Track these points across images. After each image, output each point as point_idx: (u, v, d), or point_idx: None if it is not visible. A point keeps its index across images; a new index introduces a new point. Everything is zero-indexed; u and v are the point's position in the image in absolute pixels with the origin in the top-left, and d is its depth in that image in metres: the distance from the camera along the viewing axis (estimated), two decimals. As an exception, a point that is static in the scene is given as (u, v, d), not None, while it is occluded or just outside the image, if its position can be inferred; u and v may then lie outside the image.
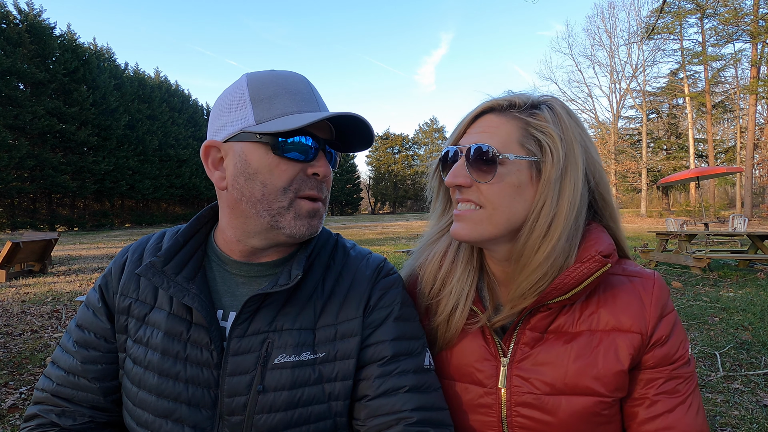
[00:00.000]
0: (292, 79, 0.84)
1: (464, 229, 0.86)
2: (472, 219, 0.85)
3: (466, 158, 0.84)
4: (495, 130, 0.85)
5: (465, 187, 0.85)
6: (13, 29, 26.10)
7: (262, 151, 0.79)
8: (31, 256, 8.78)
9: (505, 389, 0.86)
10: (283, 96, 0.80)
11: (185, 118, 42.20)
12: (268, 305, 0.83)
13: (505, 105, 0.87)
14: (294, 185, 0.81)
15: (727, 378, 3.30)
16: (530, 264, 0.82)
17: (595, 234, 0.85)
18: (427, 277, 0.97)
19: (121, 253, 0.96)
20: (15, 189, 26.55)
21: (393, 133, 72.56)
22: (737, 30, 29.35)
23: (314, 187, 0.83)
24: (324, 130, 0.85)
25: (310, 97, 0.83)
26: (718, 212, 31.82)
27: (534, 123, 0.83)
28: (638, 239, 14.18)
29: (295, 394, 0.79)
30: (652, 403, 0.82)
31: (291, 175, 0.80)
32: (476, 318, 0.90)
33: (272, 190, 0.80)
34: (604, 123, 39.74)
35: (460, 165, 0.85)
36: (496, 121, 0.85)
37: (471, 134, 0.87)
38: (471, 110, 0.91)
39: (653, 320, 0.83)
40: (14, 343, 4.39)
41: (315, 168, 0.82)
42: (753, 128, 29.13)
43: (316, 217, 0.85)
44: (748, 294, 5.97)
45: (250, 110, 0.80)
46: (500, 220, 0.84)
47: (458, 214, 0.87)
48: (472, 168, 0.83)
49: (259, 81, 0.83)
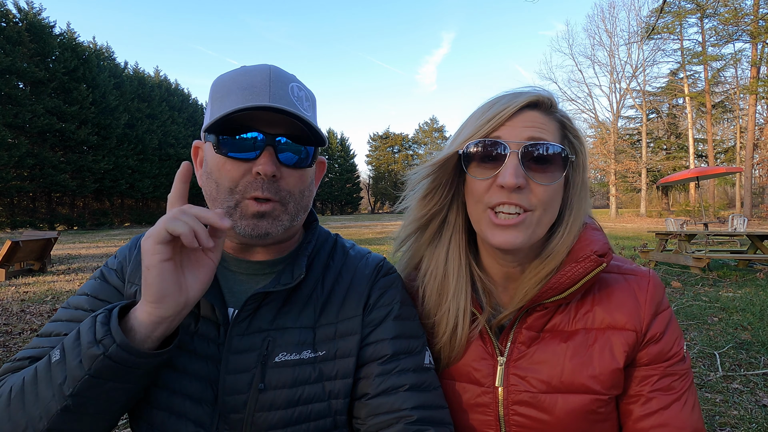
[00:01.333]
0: (251, 73, 0.81)
1: (518, 238, 0.79)
2: (524, 225, 0.79)
3: (523, 156, 0.78)
4: (546, 127, 0.81)
5: (522, 188, 0.78)
6: (12, 28, 26.06)
7: (213, 150, 0.80)
8: (30, 255, 8.77)
9: (502, 388, 0.86)
10: (234, 92, 0.78)
11: (185, 117, 42.14)
12: (269, 304, 0.83)
13: (548, 103, 0.83)
14: (240, 186, 0.78)
15: (726, 378, 3.30)
16: (556, 257, 0.84)
17: (589, 233, 0.86)
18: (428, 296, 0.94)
19: (132, 242, 0.96)
20: (14, 188, 26.52)
21: (393, 132, 72.60)
22: (737, 30, 29.36)
23: (259, 187, 0.78)
24: (281, 124, 0.79)
25: (263, 89, 0.78)
26: (717, 212, 31.83)
27: (569, 126, 0.84)
28: (638, 239, 14.19)
29: (295, 393, 0.79)
30: (647, 400, 0.83)
31: (235, 175, 0.78)
32: (476, 322, 0.90)
33: (222, 189, 0.79)
34: (604, 123, 39.75)
35: (516, 164, 0.77)
36: (542, 119, 0.82)
37: (519, 128, 0.80)
38: (507, 100, 0.82)
39: (648, 317, 0.83)
40: (14, 342, 4.39)
41: (257, 166, 0.77)
42: (753, 128, 29.13)
43: (265, 219, 0.80)
44: (748, 294, 5.97)
45: (209, 110, 0.82)
46: (548, 222, 0.82)
47: (507, 223, 0.79)
48: (532, 170, 0.78)
49: (221, 80, 0.83)
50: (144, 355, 0.67)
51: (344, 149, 65.84)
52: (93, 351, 0.65)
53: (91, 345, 0.65)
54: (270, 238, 0.82)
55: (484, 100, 0.89)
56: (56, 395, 0.66)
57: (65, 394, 0.65)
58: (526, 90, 0.84)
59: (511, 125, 0.80)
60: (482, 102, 0.89)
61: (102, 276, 0.92)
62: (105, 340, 0.65)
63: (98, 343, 0.65)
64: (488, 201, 0.82)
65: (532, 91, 0.83)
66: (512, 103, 0.81)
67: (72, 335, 0.69)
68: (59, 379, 0.66)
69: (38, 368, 0.70)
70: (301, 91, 0.83)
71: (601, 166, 37.98)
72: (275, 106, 0.74)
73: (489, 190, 0.81)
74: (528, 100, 0.81)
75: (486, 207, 0.82)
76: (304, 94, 0.84)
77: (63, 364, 0.67)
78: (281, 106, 0.74)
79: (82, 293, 0.90)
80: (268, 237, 0.81)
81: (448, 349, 0.90)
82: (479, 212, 0.84)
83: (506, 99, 0.83)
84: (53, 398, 0.66)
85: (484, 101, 0.88)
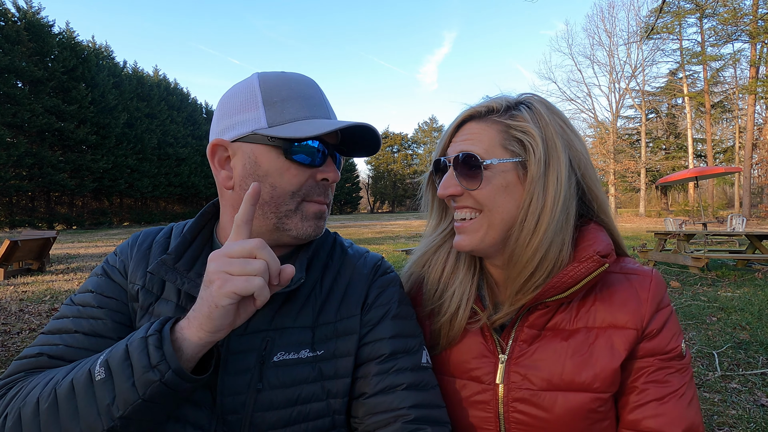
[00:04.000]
0: (303, 83, 0.86)
1: (465, 239, 0.89)
2: (473, 228, 0.88)
3: (454, 167, 0.88)
4: (477, 136, 0.88)
5: (458, 195, 0.88)
6: (11, 27, 26.00)
7: (273, 154, 0.80)
8: (29, 255, 8.76)
9: (502, 385, 0.86)
10: (295, 100, 0.82)
11: (184, 117, 42.07)
12: (268, 304, 0.82)
13: (484, 111, 0.90)
14: (303, 190, 0.83)
15: (724, 377, 3.31)
16: (521, 260, 0.84)
17: (593, 233, 0.86)
18: (431, 281, 0.99)
19: (131, 239, 0.96)
20: (13, 187, 26.47)
21: (392, 132, 72.59)
22: (736, 30, 29.39)
23: (322, 192, 0.86)
24: (332, 136, 0.86)
25: (321, 102, 0.86)
26: (716, 212, 31.92)
27: (513, 124, 0.86)
28: (637, 239, 14.21)
29: (294, 392, 0.79)
30: (642, 391, 0.83)
31: (301, 179, 0.82)
32: (477, 317, 0.91)
33: (281, 193, 0.81)
34: (603, 122, 39.84)
35: (449, 176, 0.89)
36: (477, 128, 0.89)
37: (456, 143, 0.91)
38: (453, 120, 0.94)
39: (648, 315, 0.84)
40: (12, 341, 4.39)
41: (324, 173, 0.84)
42: (752, 128, 29.17)
43: (322, 219, 0.88)
44: (746, 294, 5.99)
45: (263, 113, 0.81)
46: (496, 221, 0.86)
47: (459, 227, 0.90)
48: (460, 176, 0.87)
49: (271, 83, 0.83)
50: (193, 380, 0.67)
51: (343, 149, 65.63)
52: (149, 377, 0.63)
53: (146, 370, 0.64)
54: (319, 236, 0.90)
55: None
56: (103, 415, 0.64)
57: (114, 416, 0.64)
58: (468, 107, 0.93)
59: (453, 141, 0.92)
60: None
61: (105, 273, 0.91)
62: (161, 366, 0.64)
63: (153, 368, 0.64)
64: (451, 209, 0.95)
65: (468, 107, 0.93)
66: (452, 124, 0.93)
67: (119, 354, 0.67)
68: (106, 399, 0.65)
69: (75, 383, 0.67)
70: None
71: (600, 166, 37.97)
72: (365, 125, 0.82)
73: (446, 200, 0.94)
74: (462, 117, 0.92)
75: (453, 213, 0.94)
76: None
77: (110, 384, 0.65)
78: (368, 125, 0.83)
79: (85, 290, 0.89)
80: (319, 235, 0.89)
81: (446, 328, 0.92)
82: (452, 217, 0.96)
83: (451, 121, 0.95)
84: (98, 418, 0.64)
85: None
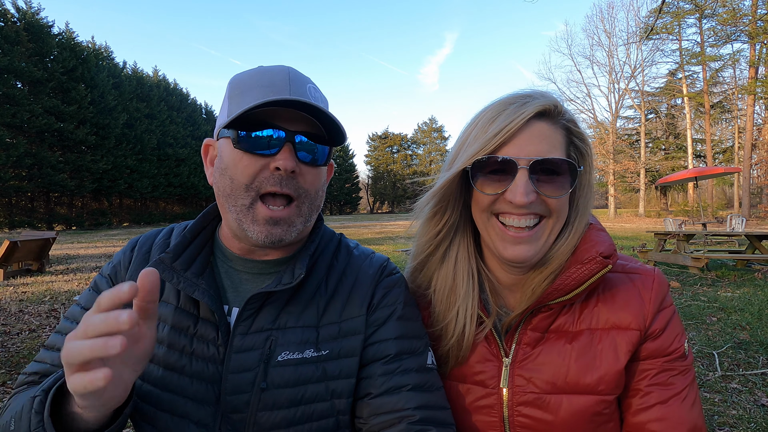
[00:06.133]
0: (271, 72, 0.82)
1: (530, 249, 0.81)
2: (536, 236, 0.81)
3: (532, 171, 0.77)
4: (550, 140, 0.80)
5: (532, 202, 0.78)
6: (11, 27, 25.97)
7: (230, 145, 0.80)
8: (28, 255, 8.74)
9: (507, 389, 0.86)
10: (254, 89, 0.79)
11: (184, 117, 42.02)
12: (272, 303, 0.83)
13: (554, 111, 0.81)
14: (256, 182, 0.78)
15: (724, 378, 3.31)
16: (554, 263, 0.84)
17: (595, 234, 0.86)
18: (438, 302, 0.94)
19: (129, 245, 0.96)
20: (13, 188, 26.43)
21: (392, 132, 72.51)
22: (735, 30, 29.42)
23: (277, 183, 0.78)
24: (300, 122, 0.80)
25: (283, 87, 0.78)
26: (716, 212, 31.91)
27: (575, 131, 0.83)
28: (636, 239, 14.20)
29: (298, 392, 0.79)
30: (645, 394, 0.83)
31: (252, 170, 0.78)
32: (482, 324, 0.90)
33: (237, 185, 0.79)
34: (603, 123, 39.82)
35: (527, 180, 0.77)
36: (549, 130, 0.80)
37: (524, 144, 0.78)
38: (513, 111, 0.79)
39: (651, 315, 0.84)
40: (12, 342, 4.38)
41: (276, 161, 0.77)
42: (751, 128, 29.18)
43: (279, 225, 0.79)
44: (746, 294, 5.98)
45: (226, 107, 0.82)
46: (557, 226, 0.83)
47: (518, 236, 0.81)
48: (542, 182, 0.78)
49: (239, 78, 0.83)
50: None
51: (343, 149, 65.66)
52: None
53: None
54: (282, 244, 0.82)
55: (487, 103, 0.87)
56: None
57: None
58: (531, 97, 0.81)
59: (518, 140, 0.79)
60: (485, 105, 0.86)
61: (95, 286, 0.93)
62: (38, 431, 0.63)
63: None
64: (495, 209, 0.83)
65: (538, 98, 0.80)
66: (518, 115, 0.78)
67: (22, 407, 0.68)
68: None
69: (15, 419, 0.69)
70: (317, 93, 0.84)
71: (600, 166, 37.96)
72: (301, 100, 0.74)
73: (497, 202, 0.83)
74: (534, 110, 0.78)
75: (491, 214, 0.84)
76: (319, 95, 0.85)
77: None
78: (306, 100, 0.75)
79: (77, 305, 0.90)
80: (281, 243, 0.81)
81: (456, 350, 0.89)
82: (485, 219, 0.85)
83: (512, 110, 0.80)
84: None
85: (487, 106, 0.85)
